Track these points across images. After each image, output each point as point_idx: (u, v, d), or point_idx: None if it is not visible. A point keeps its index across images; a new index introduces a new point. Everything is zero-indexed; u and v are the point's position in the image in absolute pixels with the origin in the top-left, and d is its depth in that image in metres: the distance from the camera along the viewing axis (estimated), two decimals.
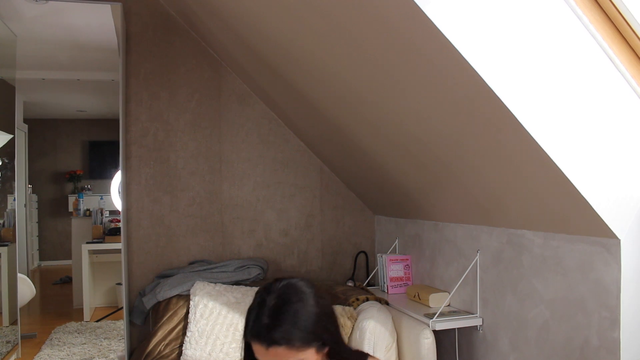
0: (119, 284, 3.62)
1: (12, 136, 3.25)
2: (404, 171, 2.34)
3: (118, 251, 2.83)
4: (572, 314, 1.67)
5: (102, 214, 3.96)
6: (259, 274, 2.78)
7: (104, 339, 3.43)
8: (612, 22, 1.46)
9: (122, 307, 3.02)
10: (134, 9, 2.86)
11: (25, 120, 3.66)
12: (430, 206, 2.41)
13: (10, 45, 3.09)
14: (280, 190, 3.04)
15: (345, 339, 2.17)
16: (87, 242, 3.83)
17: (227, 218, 2.96)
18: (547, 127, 1.41)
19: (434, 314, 2.13)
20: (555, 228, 1.72)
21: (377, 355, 2.16)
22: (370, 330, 2.16)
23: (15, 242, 3.21)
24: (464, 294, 2.23)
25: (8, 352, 3.01)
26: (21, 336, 3.22)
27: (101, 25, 2.88)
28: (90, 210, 4.05)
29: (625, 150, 1.47)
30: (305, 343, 1.00)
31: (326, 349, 1.06)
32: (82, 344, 3.36)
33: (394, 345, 2.21)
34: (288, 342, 0.98)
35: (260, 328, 0.99)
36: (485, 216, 2.05)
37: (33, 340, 3.43)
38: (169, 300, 2.55)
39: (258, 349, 1.00)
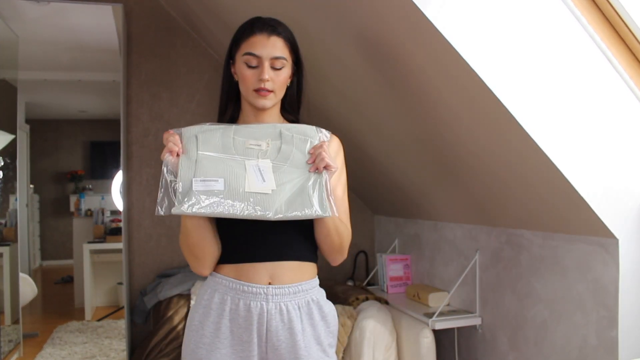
0: (120, 283, 3.63)
1: (14, 136, 3.26)
2: (403, 171, 2.35)
3: (119, 251, 2.84)
4: (571, 313, 1.68)
5: (103, 214, 3.97)
6: None
7: (105, 338, 3.44)
8: (610, 23, 1.47)
9: (123, 307, 3.03)
10: (135, 10, 2.87)
11: (27, 121, 3.66)
12: (430, 206, 2.42)
13: (12, 46, 3.10)
14: None
15: (345, 338, 2.18)
16: (89, 242, 3.84)
17: None
18: (546, 127, 1.42)
19: (434, 313, 2.14)
20: (553, 228, 1.73)
21: (376, 354, 2.17)
22: (370, 329, 2.17)
23: (17, 241, 3.22)
24: (463, 294, 2.24)
25: (10, 351, 3.03)
26: (23, 335, 3.23)
27: (102, 26, 2.89)
28: (92, 210, 4.05)
29: (624, 151, 1.48)
30: (293, 44, 1.23)
31: (290, 76, 1.24)
32: (84, 343, 3.37)
33: (394, 344, 2.22)
34: (286, 36, 1.21)
35: (266, 22, 1.21)
36: (484, 216, 2.05)
37: (35, 339, 3.44)
38: (170, 300, 2.56)
39: (258, 39, 1.18)
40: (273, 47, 1.18)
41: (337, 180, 1.28)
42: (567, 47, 1.42)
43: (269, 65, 1.18)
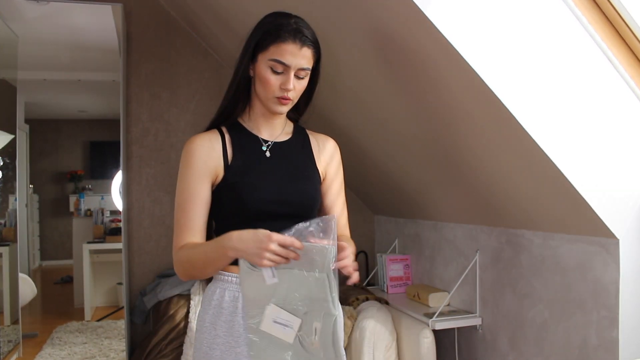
0: (120, 283, 3.63)
1: (13, 136, 3.26)
2: (403, 171, 2.35)
3: (119, 251, 2.83)
4: (571, 313, 1.67)
5: (103, 214, 3.97)
6: None
7: (105, 338, 3.44)
8: (611, 23, 1.47)
9: (122, 307, 3.03)
10: (134, 9, 2.87)
11: (27, 121, 3.66)
12: (430, 206, 2.42)
13: (11, 45, 3.10)
14: None
15: (345, 338, 2.18)
16: (88, 242, 3.84)
17: None
18: (546, 127, 1.42)
19: (434, 313, 2.14)
20: (554, 228, 1.73)
21: (376, 355, 2.17)
22: (370, 329, 2.17)
23: (16, 241, 3.22)
24: (464, 294, 2.24)
25: (9, 352, 3.03)
26: (22, 335, 3.22)
27: (102, 26, 2.89)
28: (91, 210, 4.05)
29: (624, 151, 1.48)
30: (318, 53, 1.19)
31: (305, 84, 1.20)
32: (83, 343, 3.36)
33: (394, 344, 2.22)
34: (315, 46, 1.17)
35: (299, 30, 1.15)
36: (485, 216, 2.05)
37: (34, 339, 3.44)
38: (169, 300, 2.56)
39: (290, 48, 1.13)
40: (303, 58, 1.15)
41: (337, 194, 1.28)
42: (567, 47, 1.42)
43: (294, 75, 1.15)
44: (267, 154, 1.22)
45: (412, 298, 2.47)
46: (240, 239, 1.06)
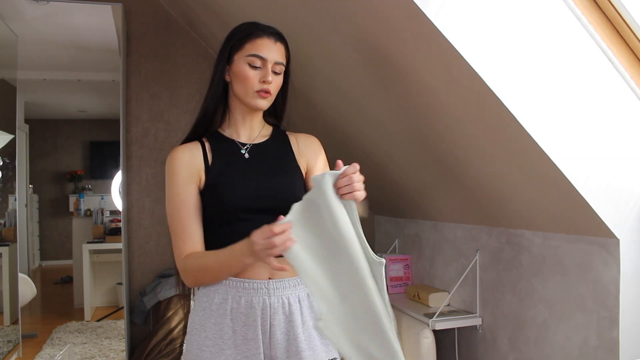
0: (120, 283, 3.63)
1: (13, 136, 3.26)
2: (403, 171, 2.35)
3: (119, 251, 2.83)
4: (571, 313, 1.67)
5: (102, 214, 3.97)
6: None
7: (105, 338, 3.44)
8: (611, 23, 1.47)
9: (122, 307, 3.03)
10: (134, 9, 2.87)
11: (26, 121, 3.66)
12: (430, 206, 2.42)
13: (11, 45, 3.10)
14: None
15: None
16: (88, 242, 3.84)
17: None
18: (547, 127, 1.42)
19: (434, 313, 2.14)
20: (554, 228, 1.73)
21: None
22: None
23: (16, 242, 3.21)
24: (464, 294, 2.24)
25: (9, 352, 3.02)
26: (22, 336, 3.22)
27: (102, 25, 2.89)
28: (91, 210, 4.05)
29: (625, 151, 1.48)
30: (288, 52, 1.25)
31: (281, 81, 1.24)
32: (83, 343, 3.36)
33: None
34: (286, 45, 1.24)
35: (270, 28, 1.23)
36: (485, 216, 2.05)
37: (34, 339, 3.44)
38: (169, 300, 2.56)
39: (265, 42, 1.20)
40: (277, 52, 1.21)
41: None
42: (567, 47, 1.42)
43: (271, 69, 1.20)
44: (246, 155, 1.25)
45: (412, 298, 2.47)
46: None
